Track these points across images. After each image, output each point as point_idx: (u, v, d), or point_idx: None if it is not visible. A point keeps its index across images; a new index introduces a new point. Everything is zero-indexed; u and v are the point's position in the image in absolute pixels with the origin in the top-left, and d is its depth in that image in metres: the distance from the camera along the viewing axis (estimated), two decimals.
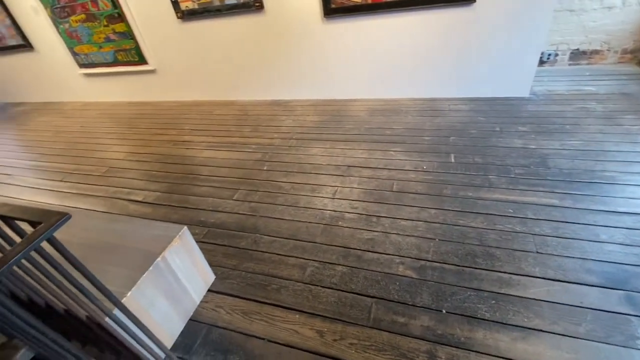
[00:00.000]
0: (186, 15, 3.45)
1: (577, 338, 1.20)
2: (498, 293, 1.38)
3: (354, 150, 2.56)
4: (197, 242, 1.55)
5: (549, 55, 3.45)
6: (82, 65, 4.38)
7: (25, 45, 4.49)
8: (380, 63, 3.16)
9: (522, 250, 1.56)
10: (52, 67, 4.62)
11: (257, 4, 3.15)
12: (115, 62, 4.16)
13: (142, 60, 4.01)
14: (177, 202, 2.29)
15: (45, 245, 0.66)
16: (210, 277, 1.65)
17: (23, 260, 0.62)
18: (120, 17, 3.70)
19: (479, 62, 2.89)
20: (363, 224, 1.84)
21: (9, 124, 4.52)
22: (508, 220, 1.73)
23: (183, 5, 3.40)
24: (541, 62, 3.38)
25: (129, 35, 3.82)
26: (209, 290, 1.60)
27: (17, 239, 0.86)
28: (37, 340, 0.85)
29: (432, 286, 1.46)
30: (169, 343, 1.37)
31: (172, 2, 3.40)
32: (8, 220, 0.67)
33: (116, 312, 1.04)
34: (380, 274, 1.54)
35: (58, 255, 0.75)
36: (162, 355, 1.19)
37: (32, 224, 0.63)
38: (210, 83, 3.94)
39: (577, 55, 3.39)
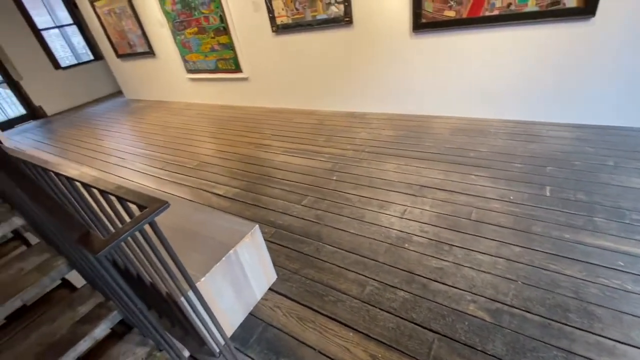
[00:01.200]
0: (280, 29, 3.73)
1: None
2: None
3: (430, 169, 2.42)
4: (264, 240, 1.63)
5: None
6: (189, 71, 5.06)
7: (150, 52, 5.38)
8: (470, 80, 2.96)
9: (633, 314, 1.27)
10: (167, 71, 5.44)
11: (347, 19, 3.24)
12: (215, 70, 4.71)
13: (237, 69, 4.45)
14: (251, 200, 2.45)
15: (145, 226, 0.76)
16: (273, 277, 1.71)
17: None
18: (225, 30, 4.18)
19: (592, 83, 2.49)
20: (432, 250, 1.71)
21: (129, 116, 5.44)
22: (617, 274, 1.43)
23: (278, 20, 3.68)
24: None
25: (229, 46, 4.29)
26: (269, 289, 1.66)
27: (125, 217, 1.00)
28: (126, 306, 0.97)
29: (508, 335, 1.27)
30: (229, 332, 1.46)
31: (269, 17, 3.72)
32: (122, 201, 0.80)
33: (190, 293, 1.15)
34: (446, 309, 1.41)
35: (152, 235, 0.86)
36: (222, 342, 1.27)
37: (139, 207, 0.73)
38: (293, 92, 4.17)
39: None
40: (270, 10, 3.67)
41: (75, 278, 1.48)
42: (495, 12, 2.57)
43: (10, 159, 0.71)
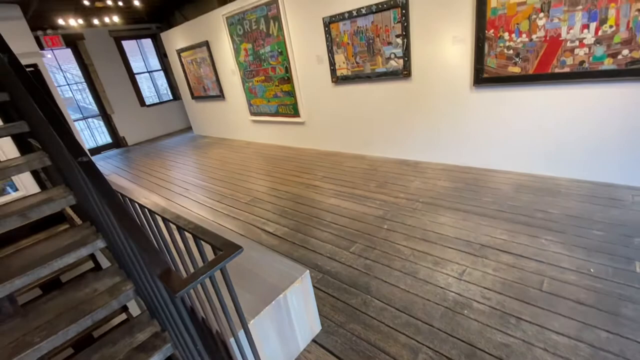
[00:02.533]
0: (340, 80, 3.97)
1: None
2: None
3: (491, 227, 2.25)
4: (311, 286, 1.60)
5: None
6: (252, 114, 5.52)
7: (220, 95, 6.01)
8: (534, 135, 2.80)
9: None
10: (232, 112, 5.99)
11: (405, 72, 3.35)
12: (276, 113, 5.07)
13: (296, 114, 4.75)
14: (299, 241, 2.46)
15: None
16: (317, 327, 1.64)
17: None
18: (288, 80, 4.55)
19: None
20: (496, 321, 1.53)
21: (195, 150, 5.98)
22: None
23: (339, 72, 3.93)
24: None
25: (291, 94, 4.64)
26: (313, 340, 1.59)
27: (196, 254, 1.06)
28: (185, 343, 0.99)
29: None
30: None
31: (330, 69, 3.99)
32: (197, 239, 0.85)
33: (241, 334, 1.14)
34: None
35: (219, 275, 0.89)
36: None
37: (214, 248, 0.77)
38: (346, 137, 4.30)
39: None
40: (332, 63, 3.94)
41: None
42: (566, 69, 2.47)
43: (115, 195, 0.80)
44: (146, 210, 1.08)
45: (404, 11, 3.11)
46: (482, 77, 2.86)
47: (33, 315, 1.19)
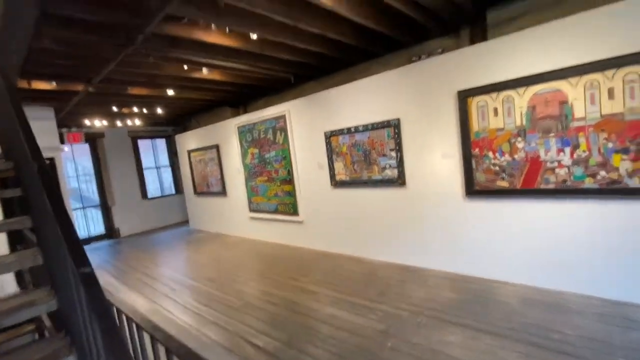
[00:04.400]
0: (338, 184, 4.19)
1: None
2: None
3: (506, 350, 2.04)
4: None
5: None
6: (252, 210, 5.62)
7: (222, 192, 6.22)
8: (534, 247, 2.81)
9: None
10: (232, 209, 6.10)
11: (400, 181, 3.58)
12: (275, 211, 5.17)
13: (295, 213, 4.85)
14: (291, 359, 2.19)
15: None
16: None
17: None
18: (290, 181, 4.81)
19: None
20: None
21: (188, 245, 5.85)
22: None
23: (337, 177, 4.19)
24: None
25: (291, 193, 4.83)
26: None
27: None
28: None
29: None
30: None
31: (330, 174, 4.26)
32: None
33: None
34: None
35: None
36: None
37: None
38: (346, 238, 4.29)
39: None
40: (331, 169, 4.23)
41: None
42: (551, 186, 2.66)
43: (111, 317, 0.75)
44: (134, 324, 0.99)
45: (396, 130, 3.52)
46: (474, 189, 3.05)
47: None
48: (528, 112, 2.69)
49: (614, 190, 2.40)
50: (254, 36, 3.32)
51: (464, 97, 2.97)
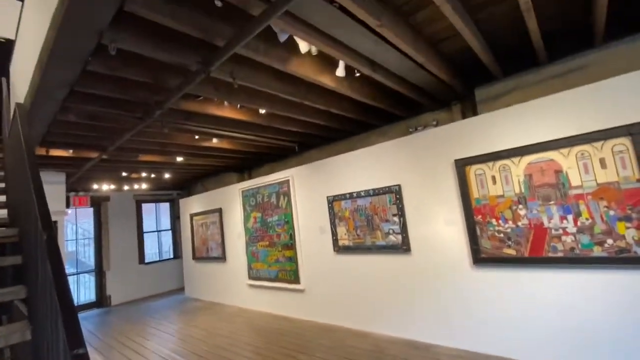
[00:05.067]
0: (341, 249, 4.11)
1: None
2: None
3: None
4: None
5: None
6: (251, 277, 5.40)
7: (222, 257, 6.06)
8: (553, 321, 2.63)
9: None
10: (231, 275, 5.87)
11: (405, 247, 3.51)
12: (275, 279, 4.97)
13: (296, 280, 4.65)
14: None
15: None
16: None
17: None
18: (292, 246, 4.72)
19: None
20: None
21: (181, 316, 5.48)
22: None
23: (340, 242, 4.13)
24: None
25: (293, 259, 4.70)
26: None
27: None
28: None
29: None
30: None
31: (332, 239, 4.21)
32: None
33: None
34: None
35: None
36: None
37: None
38: (349, 310, 4.03)
39: None
40: (334, 234, 4.19)
41: None
42: (559, 254, 2.60)
43: None
44: None
45: (397, 196, 3.58)
46: (481, 257, 2.97)
47: None
48: (525, 180, 2.77)
49: (624, 260, 2.34)
50: (262, 111, 3.60)
51: (462, 165, 3.09)
